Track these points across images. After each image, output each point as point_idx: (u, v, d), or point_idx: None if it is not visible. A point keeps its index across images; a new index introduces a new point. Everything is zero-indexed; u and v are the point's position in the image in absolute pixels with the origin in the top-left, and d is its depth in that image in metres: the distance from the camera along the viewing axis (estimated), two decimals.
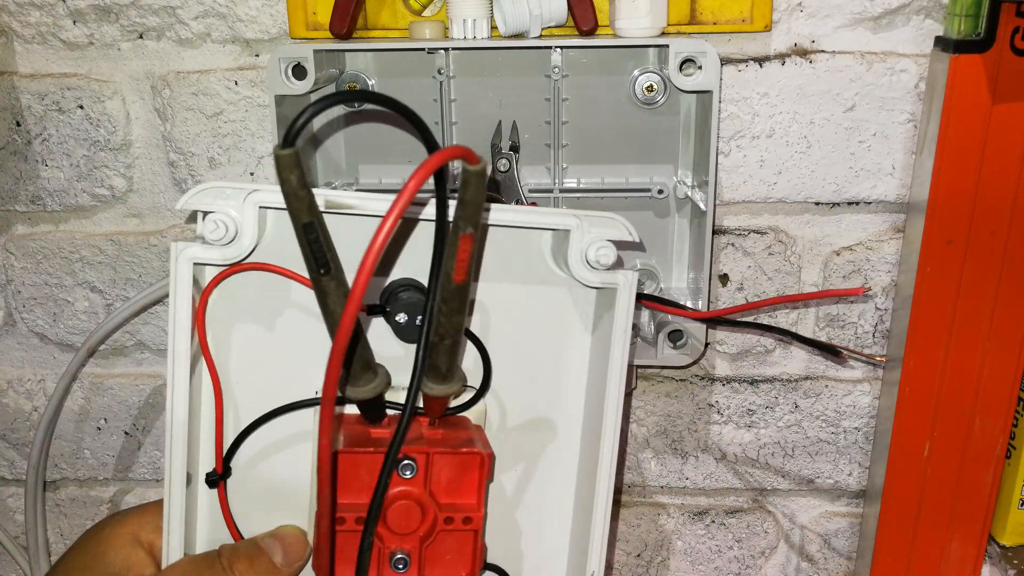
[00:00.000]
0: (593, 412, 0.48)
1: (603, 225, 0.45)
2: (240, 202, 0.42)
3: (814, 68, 0.65)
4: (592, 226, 0.45)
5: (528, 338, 0.48)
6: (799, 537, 0.78)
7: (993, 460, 0.68)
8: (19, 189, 0.73)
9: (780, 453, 0.76)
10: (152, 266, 0.74)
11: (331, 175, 0.70)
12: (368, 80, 0.67)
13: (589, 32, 0.61)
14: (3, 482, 0.83)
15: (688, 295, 0.68)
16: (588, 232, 0.45)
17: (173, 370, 0.43)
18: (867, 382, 0.73)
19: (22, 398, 0.80)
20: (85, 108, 0.70)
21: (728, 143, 0.67)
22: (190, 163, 0.71)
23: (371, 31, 0.65)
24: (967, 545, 0.70)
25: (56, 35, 0.68)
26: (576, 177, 0.68)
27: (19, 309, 0.77)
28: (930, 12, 0.63)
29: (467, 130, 0.68)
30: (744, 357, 0.73)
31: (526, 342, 0.48)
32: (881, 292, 0.70)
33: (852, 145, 0.66)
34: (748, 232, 0.69)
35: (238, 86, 0.68)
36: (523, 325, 0.48)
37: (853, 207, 0.68)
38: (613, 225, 0.45)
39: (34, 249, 0.74)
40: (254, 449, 0.47)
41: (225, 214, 0.42)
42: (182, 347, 0.43)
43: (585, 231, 0.45)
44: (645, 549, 0.79)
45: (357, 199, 0.42)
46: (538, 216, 0.45)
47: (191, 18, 0.67)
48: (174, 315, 0.43)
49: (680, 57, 0.58)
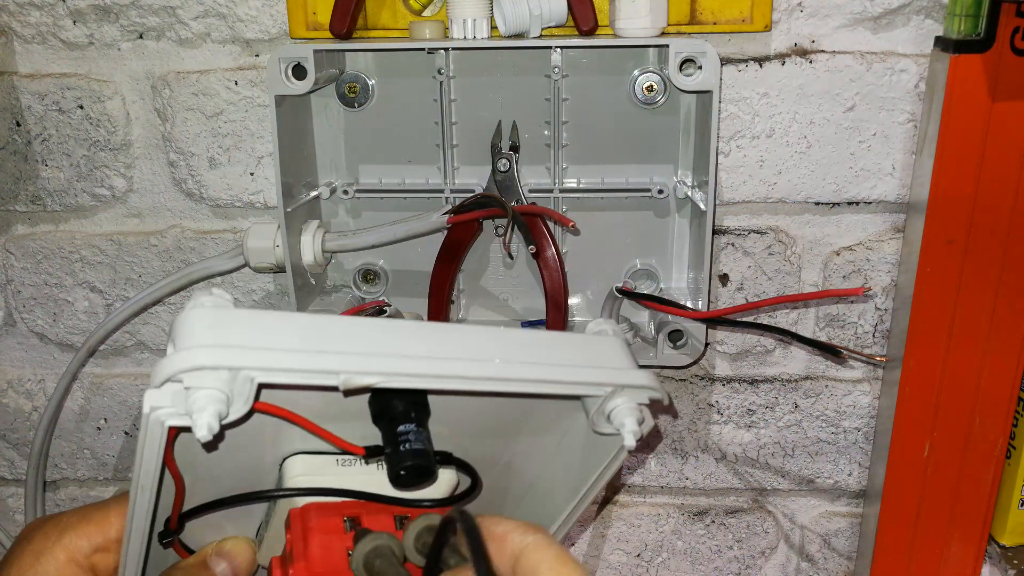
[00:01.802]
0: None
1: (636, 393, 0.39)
2: (233, 382, 0.32)
3: (814, 68, 0.65)
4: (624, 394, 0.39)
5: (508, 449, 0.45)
6: (799, 537, 0.78)
7: (993, 460, 0.68)
8: (19, 189, 0.73)
9: (780, 453, 0.76)
10: (152, 266, 0.74)
11: (331, 175, 0.70)
12: (368, 80, 0.67)
13: (589, 32, 0.61)
14: (3, 482, 0.83)
15: (688, 295, 0.68)
16: (621, 399, 0.39)
17: (135, 502, 0.37)
18: (867, 382, 0.73)
19: (22, 398, 0.80)
20: (85, 108, 0.70)
21: (728, 143, 0.67)
22: (190, 163, 0.71)
23: (371, 31, 0.65)
24: (967, 545, 0.70)
25: (56, 35, 0.68)
26: (576, 177, 0.68)
27: (19, 309, 0.77)
28: (930, 12, 0.63)
29: (467, 130, 0.68)
30: (744, 357, 0.73)
31: (509, 454, 0.45)
32: (881, 292, 0.70)
33: (852, 145, 0.66)
34: (748, 232, 0.69)
35: (238, 86, 0.68)
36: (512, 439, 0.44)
37: (853, 207, 0.68)
38: (647, 389, 0.39)
39: (34, 249, 0.74)
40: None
41: (216, 408, 0.32)
42: (145, 495, 0.36)
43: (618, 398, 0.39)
44: (645, 549, 0.79)
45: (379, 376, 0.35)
46: (568, 385, 0.38)
47: (191, 18, 0.67)
48: (140, 464, 0.35)
49: (680, 57, 0.58)
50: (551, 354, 0.39)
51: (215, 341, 0.33)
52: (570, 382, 0.38)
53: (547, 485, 0.46)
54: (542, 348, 0.39)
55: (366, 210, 0.70)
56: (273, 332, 0.34)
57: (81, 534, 0.41)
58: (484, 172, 0.68)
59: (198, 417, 0.31)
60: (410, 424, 0.38)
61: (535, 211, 0.65)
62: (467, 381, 0.35)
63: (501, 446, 0.44)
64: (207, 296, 0.35)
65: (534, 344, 0.39)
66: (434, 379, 0.35)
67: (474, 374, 0.35)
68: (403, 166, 0.69)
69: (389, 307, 0.66)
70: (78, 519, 0.42)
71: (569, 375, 0.38)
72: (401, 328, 0.38)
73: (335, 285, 0.73)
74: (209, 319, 0.34)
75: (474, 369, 0.35)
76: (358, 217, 0.71)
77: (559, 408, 0.42)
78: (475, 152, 0.68)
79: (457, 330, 0.39)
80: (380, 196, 0.69)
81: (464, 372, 0.35)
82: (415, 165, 0.69)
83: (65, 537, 0.41)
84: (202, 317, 0.34)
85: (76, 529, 0.41)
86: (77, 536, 0.41)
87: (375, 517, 0.40)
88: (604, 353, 0.40)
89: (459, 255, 0.68)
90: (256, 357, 0.32)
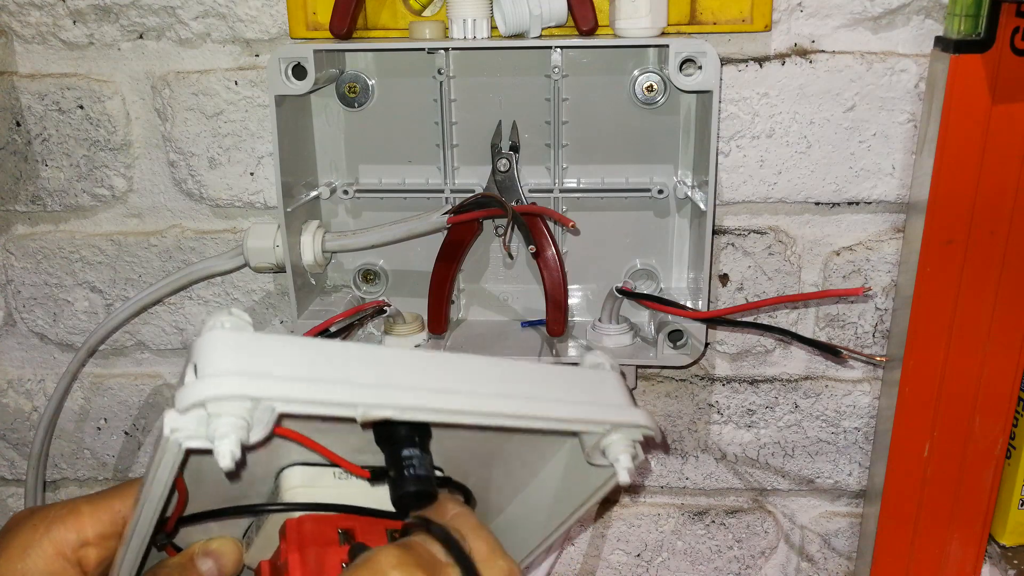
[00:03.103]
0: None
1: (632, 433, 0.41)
2: (254, 410, 0.33)
3: (814, 68, 0.65)
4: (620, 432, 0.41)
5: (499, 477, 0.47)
6: (799, 537, 0.78)
7: (993, 460, 0.68)
8: (19, 189, 0.73)
9: (780, 453, 0.76)
10: (152, 266, 0.74)
11: (331, 175, 0.70)
12: (368, 80, 0.67)
13: (589, 32, 0.61)
14: (3, 482, 0.83)
15: (688, 295, 0.68)
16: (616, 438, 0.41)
17: (141, 512, 0.37)
18: (867, 382, 0.73)
19: (22, 398, 0.80)
20: (85, 108, 0.70)
21: (728, 143, 0.67)
22: (190, 163, 0.71)
23: (371, 31, 0.65)
24: (967, 545, 0.70)
25: (56, 35, 0.68)
26: (576, 177, 0.68)
27: (19, 309, 0.77)
28: (930, 12, 0.63)
29: (467, 130, 0.68)
30: (744, 357, 0.73)
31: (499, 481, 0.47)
32: (881, 292, 0.70)
33: (852, 145, 0.66)
34: (748, 232, 0.69)
35: (238, 86, 0.68)
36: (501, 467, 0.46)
37: (853, 207, 0.68)
38: (641, 428, 0.41)
39: (34, 249, 0.74)
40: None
41: (238, 436, 0.32)
42: (152, 506, 0.37)
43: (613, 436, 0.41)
44: (645, 549, 0.79)
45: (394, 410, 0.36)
46: (564, 423, 0.40)
47: (191, 18, 0.67)
48: (152, 480, 0.35)
49: (680, 57, 0.58)
50: (552, 389, 0.41)
51: (239, 369, 0.33)
52: (572, 419, 0.40)
53: (534, 506, 0.47)
54: (544, 382, 0.41)
55: (366, 210, 0.70)
56: (294, 360, 0.35)
57: (69, 527, 0.41)
58: (484, 172, 0.68)
59: (221, 444, 0.31)
60: (414, 448, 0.39)
61: (535, 211, 0.65)
62: (476, 416, 0.37)
63: (493, 469, 0.46)
64: (227, 317, 0.36)
65: (536, 378, 0.41)
66: (445, 414, 0.36)
67: (483, 410, 0.37)
68: (403, 166, 0.69)
69: (389, 307, 0.66)
70: (66, 512, 0.42)
71: (571, 412, 0.40)
72: (412, 359, 0.39)
73: (335, 285, 0.73)
74: (232, 343, 0.34)
75: (483, 404, 0.37)
76: (358, 217, 0.71)
77: (554, 437, 0.44)
78: (475, 152, 0.68)
79: (464, 361, 0.40)
80: (380, 196, 0.69)
81: (474, 408, 0.37)
82: (415, 165, 0.69)
83: (53, 530, 0.41)
84: (225, 341, 0.34)
85: (64, 522, 0.41)
86: (65, 530, 0.41)
87: (369, 530, 0.41)
88: (602, 389, 0.42)
89: (459, 255, 0.68)
90: (279, 388, 0.33)
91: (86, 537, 0.41)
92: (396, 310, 0.67)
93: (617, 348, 0.66)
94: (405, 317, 0.67)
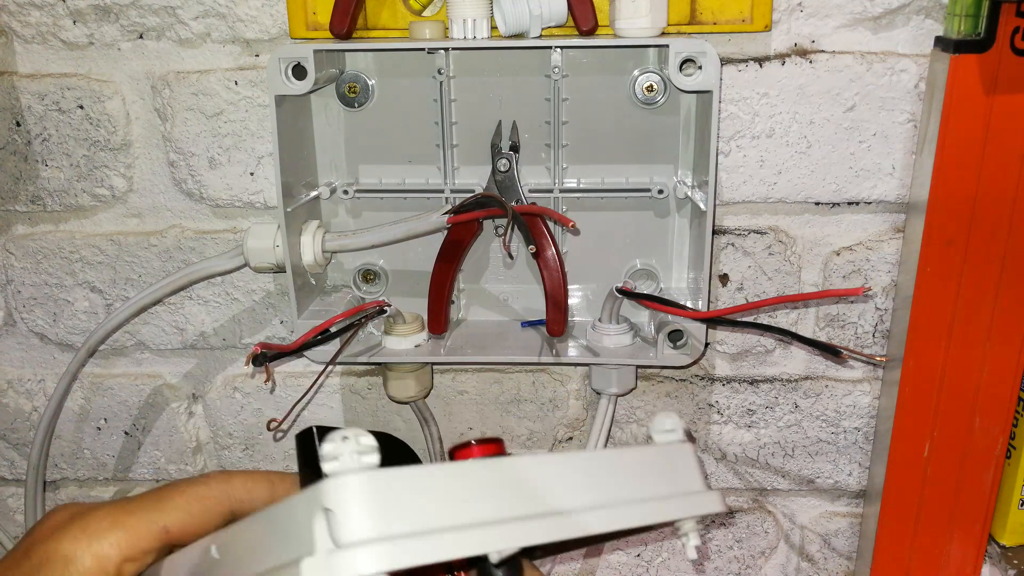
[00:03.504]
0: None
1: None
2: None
3: (814, 68, 0.65)
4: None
5: None
6: (799, 537, 0.78)
7: (993, 460, 0.68)
8: (19, 189, 0.73)
9: (780, 453, 0.76)
10: (152, 266, 0.74)
11: (331, 175, 0.70)
12: (368, 80, 0.67)
13: (589, 32, 0.61)
14: (3, 482, 0.83)
15: (688, 295, 0.68)
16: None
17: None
18: (867, 382, 0.73)
19: (22, 398, 0.80)
20: (85, 108, 0.70)
21: (728, 143, 0.67)
22: (190, 163, 0.71)
23: (371, 31, 0.65)
24: (967, 545, 0.70)
25: (56, 35, 0.68)
26: (576, 177, 0.68)
27: (19, 309, 0.77)
28: (930, 12, 0.63)
29: (467, 130, 0.68)
30: (744, 357, 0.73)
31: None
32: (881, 292, 0.70)
33: (852, 145, 0.66)
34: (748, 232, 0.69)
35: (238, 86, 0.68)
36: None
37: (853, 207, 0.68)
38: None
39: (34, 249, 0.74)
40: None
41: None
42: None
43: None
44: (645, 549, 0.79)
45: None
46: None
47: (191, 18, 0.67)
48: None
49: (680, 57, 0.58)
50: (638, 486, 0.40)
51: (379, 532, 0.32)
52: (660, 521, 0.40)
53: None
54: (628, 478, 0.40)
55: (366, 210, 0.70)
56: (423, 506, 0.34)
57: (112, 543, 0.40)
58: (484, 172, 0.68)
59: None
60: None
61: (535, 211, 0.65)
62: (576, 533, 0.37)
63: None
64: (352, 454, 0.33)
65: (620, 474, 0.41)
66: (551, 534, 0.37)
67: (586, 532, 0.37)
68: (403, 166, 0.69)
69: (389, 307, 0.66)
70: (108, 525, 0.41)
71: (658, 514, 0.40)
72: (518, 480, 0.38)
73: (335, 285, 0.73)
74: (367, 493, 0.33)
75: (585, 525, 0.37)
76: (358, 217, 0.71)
77: None
78: (475, 152, 0.68)
79: (553, 466, 0.39)
80: (380, 196, 0.69)
81: (577, 532, 0.37)
82: (415, 165, 0.69)
83: (95, 545, 0.40)
84: (357, 490, 0.33)
85: (107, 537, 0.41)
86: (108, 545, 0.40)
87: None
88: (679, 471, 0.42)
89: (459, 255, 0.68)
90: (416, 549, 0.32)
91: (128, 554, 0.40)
92: (396, 310, 0.67)
93: (617, 348, 0.66)
94: (405, 317, 0.67)
